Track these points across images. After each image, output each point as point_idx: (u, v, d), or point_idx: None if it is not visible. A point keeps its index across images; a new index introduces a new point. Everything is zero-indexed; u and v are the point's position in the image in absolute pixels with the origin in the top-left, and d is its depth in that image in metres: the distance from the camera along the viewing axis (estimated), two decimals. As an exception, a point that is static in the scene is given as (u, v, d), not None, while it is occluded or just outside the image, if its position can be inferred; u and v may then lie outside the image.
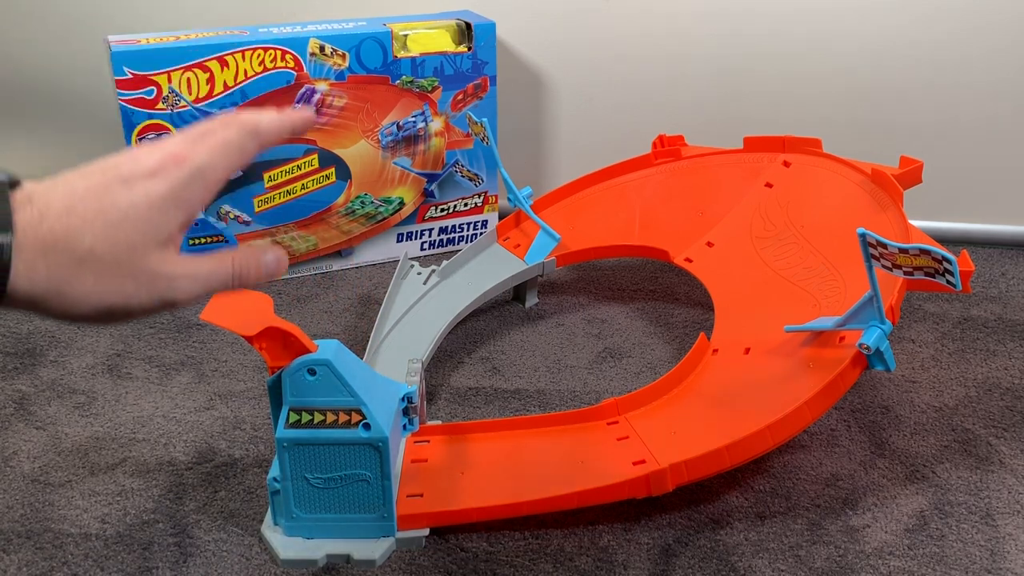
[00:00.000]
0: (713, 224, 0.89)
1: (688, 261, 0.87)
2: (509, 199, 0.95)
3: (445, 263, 0.90)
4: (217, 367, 0.85)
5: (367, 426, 0.57)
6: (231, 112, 0.45)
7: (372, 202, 1.04)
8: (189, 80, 0.92)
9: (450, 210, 1.09)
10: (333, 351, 0.56)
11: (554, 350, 0.88)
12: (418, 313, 0.85)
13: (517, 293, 0.97)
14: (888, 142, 1.07)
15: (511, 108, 1.14)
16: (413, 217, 1.07)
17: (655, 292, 0.99)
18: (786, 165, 0.89)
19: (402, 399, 0.63)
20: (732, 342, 0.73)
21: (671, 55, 1.10)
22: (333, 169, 1.01)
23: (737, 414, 0.63)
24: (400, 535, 0.60)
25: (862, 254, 0.58)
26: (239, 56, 0.93)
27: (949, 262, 0.55)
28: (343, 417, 0.57)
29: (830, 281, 0.73)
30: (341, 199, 1.02)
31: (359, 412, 0.57)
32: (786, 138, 0.90)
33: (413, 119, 1.02)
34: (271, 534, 0.61)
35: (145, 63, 0.90)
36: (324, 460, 0.58)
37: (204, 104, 0.93)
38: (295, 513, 0.60)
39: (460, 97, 1.03)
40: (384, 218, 1.06)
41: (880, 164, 0.82)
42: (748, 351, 0.71)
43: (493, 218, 1.11)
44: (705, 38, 1.09)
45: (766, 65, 1.08)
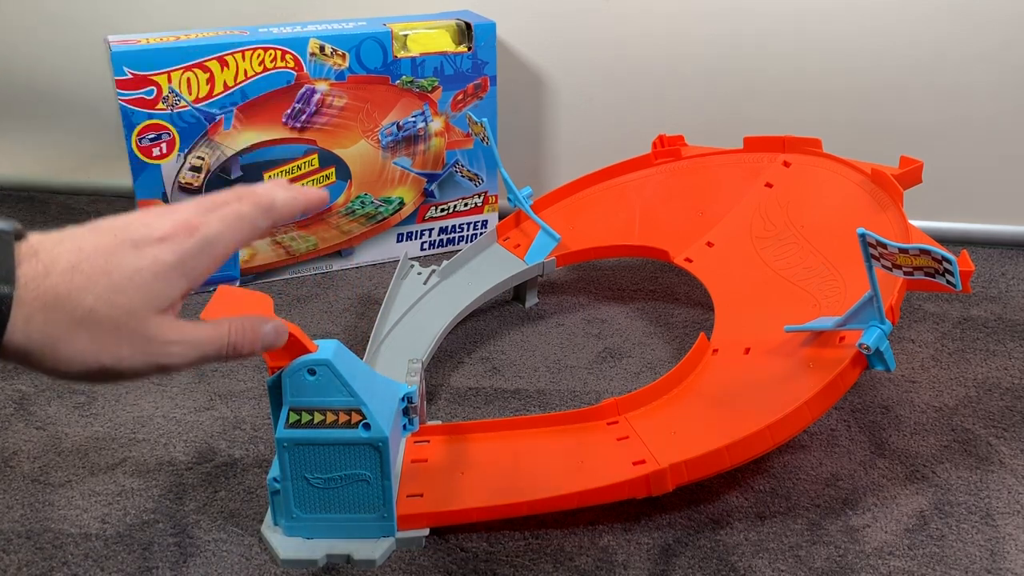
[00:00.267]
0: (713, 224, 0.89)
1: (688, 261, 0.87)
2: (509, 199, 0.95)
3: (445, 263, 0.90)
4: (217, 367, 0.85)
5: (367, 426, 0.57)
6: (246, 188, 0.44)
7: (372, 202, 1.04)
8: (189, 80, 0.92)
9: (450, 210, 1.09)
10: (333, 351, 0.56)
11: (554, 350, 0.88)
12: (418, 313, 0.85)
13: (517, 293, 0.97)
14: (888, 142, 1.07)
15: (511, 108, 1.14)
16: (413, 217, 1.07)
17: (655, 292, 0.99)
18: (786, 165, 0.89)
19: (402, 399, 0.63)
20: (732, 342, 0.73)
21: (671, 55, 1.10)
22: (333, 169, 1.01)
23: (737, 414, 0.63)
24: (400, 535, 0.60)
25: (862, 254, 0.58)
26: (239, 56, 0.93)
27: (949, 262, 0.55)
28: (343, 417, 0.57)
29: (830, 281, 0.73)
30: (341, 199, 1.02)
31: (359, 412, 0.57)
32: (786, 138, 0.90)
33: (413, 119, 1.02)
34: (271, 534, 0.61)
35: (145, 63, 0.90)
36: (324, 460, 0.58)
37: (204, 104, 0.93)
38: (295, 513, 0.60)
39: (460, 97, 1.03)
40: (384, 218, 1.06)
41: (880, 164, 0.82)
42: (748, 351, 0.71)
43: (493, 218, 1.11)
44: (705, 38, 1.09)
45: (766, 65, 1.08)
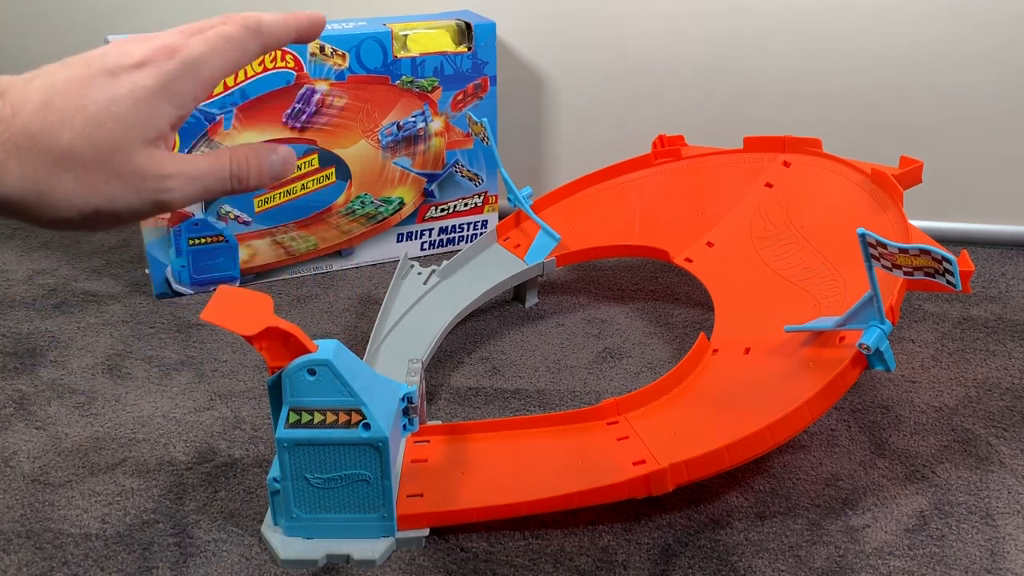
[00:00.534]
0: (713, 224, 0.89)
1: (688, 261, 0.87)
2: (509, 199, 0.95)
3: (445, 263, 0.90)
4: (217, 367, 0.85)
5: (367, 426, 0.57)
6: (232, 13, 0.41)
7: (372, 202, 1.04)
8: (189, 80, 0.92)
9: (450, 210, 1.09)
10: (333, 351, 0.56)
11: (554, 350, 0.88)
12: (418, 313, 0.85)
13: (517, 293, 0.97)
14: (888, 142, 1.07)
15: (511, 108, 1.14)
16: (413, 217, 1.07)
17: (655, 292, 0.99)
18: (786, 165, 0.89)
19: (402, 399, 0.63)
20: (732, 342, 0.73)
21: (671, 55, 1.10)
22: (333, 169, 1.01)
23: (737, 414, 0.63)
24: (400, 535, 0.60)
25: (862, 254, 0.58)
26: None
27: (949, 262, 0.55)
28: (343, 417, 0.57)
29: (830, 281, 0.73)
30: (341, 199, 1.02)
31: (359, 412, 0.57)
32: (786, 138, 0.90)
33: (413, 119, 1.02)
34: (271, 534, 0.61)
35: (145, 63, 0.90)
36: (324, 460, 0.58)
37: (204, 104, 0.93)
38: (295, 513, 0.60)
39: (460, 97, 1.03)
40: (384, 218, 1.06)
41: (880, 164, 0.82)
42: (748, 351, 0.71)
43: (493, 218, 1.11)
44: (705, 38, 1.09)
45: (766, 65, 1.08)
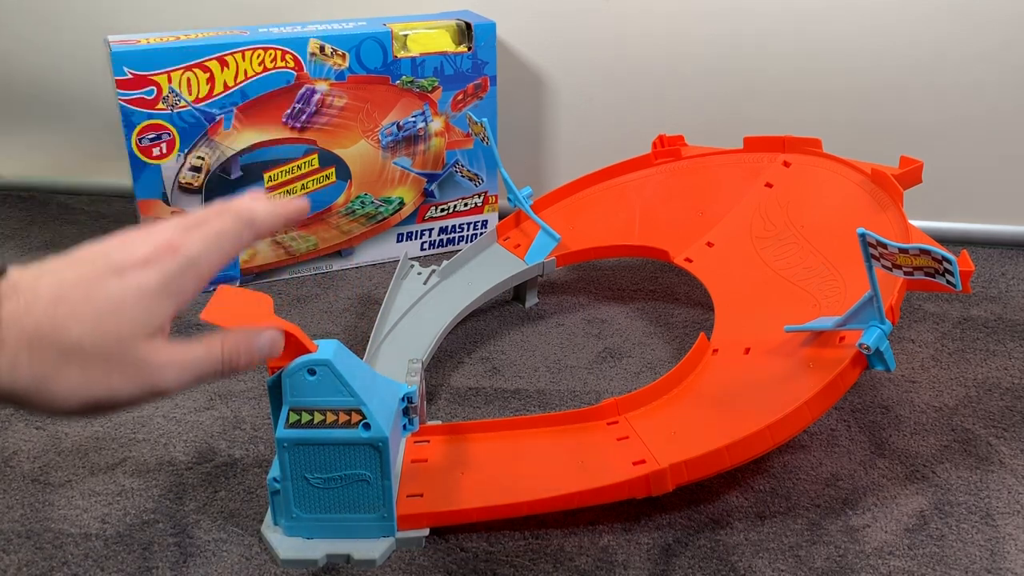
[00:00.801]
0: (713, 224, 0.89)
1: (688, 261, 0.87)
2: (509, 199, 0.95)
3: (445, 263, 0.90)
4: (217, 367, 0.85)
5: (367, 426, 0.57)
6: (226, 203, 0.44)
7: (372, 202, 1.04)
8: (189, 80, 0.92)
9: (450, 210, 1.09)
10: (333, 351, 0.56)
11: (554, 350, 0.88)
12: (418, 313, 0.85)
13: (517, 293, 0.97)
14: (888, 142, 1.07)
15: (511, 108, 1.14)
16: (413, 217, 1.07)
17: (655, 292, 0.99)
18: (786, 165, 0.89)
19: (402, 399, 0.63)
20: (732, 342, 0.73)
21: (671, 55, 1.10)
22: (333, 169, 1.01)
23: (737, 414, 0.63)
24: (400, 535, 0.60)
25: (862, 254, 0.58)
26: (239, 56, 0.93)
27: (949, 262, 0.55)
28: (343, 417, 0.57)
29: (830, 281, 0.73)
30: (341, 199, 1.02)
31: (359, 412, 0.57)
32: (786, 138, 0.90)
33: (413, 119, 1.02)
34: (271, 534, 0.61)
35: (145, 63, 0.90)
36: (324, 460, 0.58)
37: (204, 104, 0.93)
38: (295, 513, 0.60)
39: (460, 97, 1.03)
40: (384, 218, 1.06)
41: (880, 164, 0.82)
42: (748, 351, 0.71)
43: (493, 218, 1.11)
44: (705, 38, 1.09)
45: (766, 65, 1.08)
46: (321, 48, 0.95)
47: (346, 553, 0.59)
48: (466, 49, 1.02)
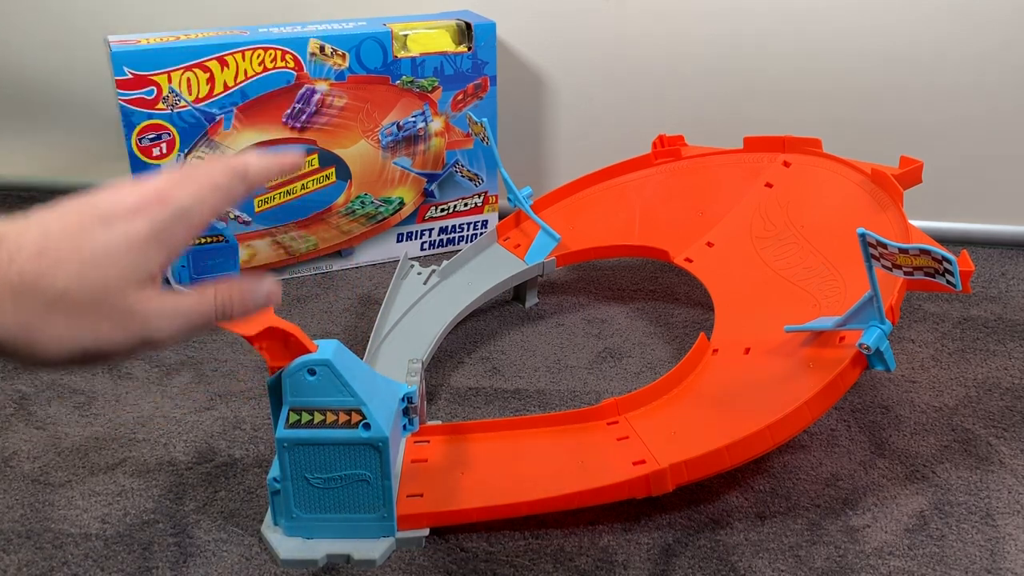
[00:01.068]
0: (713, 224, 0.89)
1: (688, 261, 0.87)
2: (509, 199, 0.95)
3: (445, 263, 0.90)
4: (217, 367, 0.85)
5: (367, 426, 0.57)
6: (218, 157, 0.43)
7: (372, 202, 1.04)
8: (189, 80, 0.92)
9: (450, 210, 1.09)
10: (333, 351, 0.56)
11: (554, 350, 0.88)
12: (418, 313, 0.85)
13: (517, 293, 0.97)
14: (888, 142, 1.07)
15: (511, 108, 1.14)
16: (413, 217, 1.07)
17: (655, 292, 0.99)
18: (786, 165, 0.89)
19: (402, 399, 0.63)
20: (732, 342, 0.73)
21: (671, 55, 1.10)
22: (333, 169, 1.01)
23: (737, 414, 0.63)
24: (400, 535, 0.60)
25: (862, 254, 0.58)
26: (239, 56, 0.93)
27: (949, 262, 0.55)
28: (343, 417, 0.57)
29: (830, 281, 0.73)
30: (341, 199, 1.02)
31: (359, 412, 0.57)
32: (786, 138, 0.90)
33: (413, 119, 1.02)
34: (271, 534, 0.61)
35: (145, 63, 0.90)
36: (324, 460, 0.58)
37: (204, 104, 0.93)
38: (295, 513, 0.60)
39: (460, 97, 1.03)
40: (384, 218, 1.06)
41: (880, 164, 0.82)
42: (748, 351, 0.71)
43: (493, 218, 1.11)
44: (705, 38, 1.09)
45: (766, 65, 1.08)
46: (321, 48, 0.95)
47: (346, 553, 0.59)
48: (466, 49, 1.02)
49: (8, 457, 0.72)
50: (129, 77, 0.90)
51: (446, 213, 1.09)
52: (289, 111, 0.97)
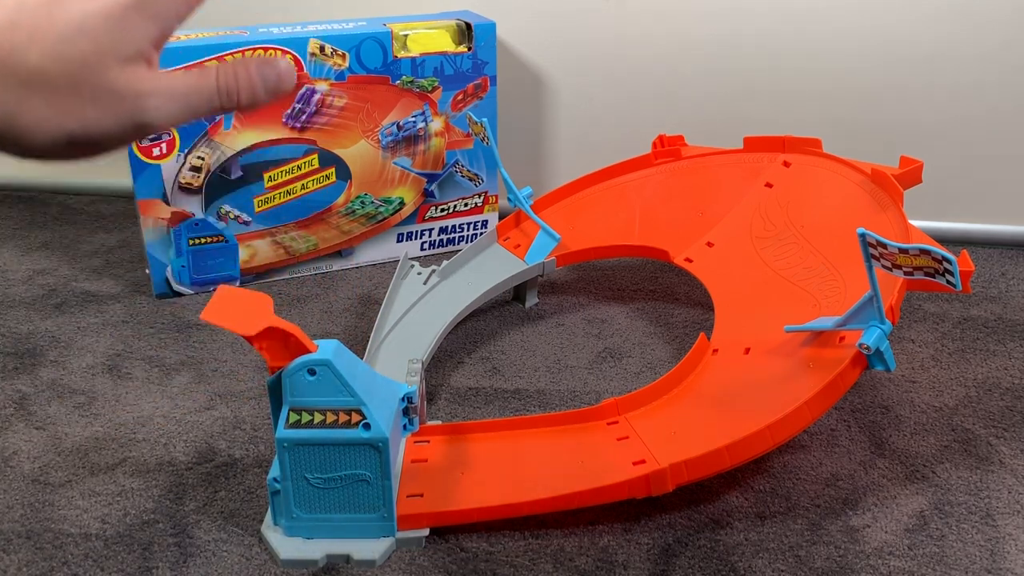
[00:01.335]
0: (713, 224, 0.89)
1: (688, 261, 0.87)
2: (509, 199, 0.95)
3: (445, 263, 0.90)
4: (217, 367, 0.85)
5: (367, 426, 0.57)
6: None
7: (372, 202, 1.04)
8: (189, 80, 0.92)
9: (450, 210, 1.09)
10: (333, 351, 0.56)
11: (554, 350, 0.88)
12: (418, 313, 0.85)
13: (517, 293, 0.97)
14: (888, 142, 1.07)
15: (511, 108, 1.14)
16: (413, 217, 1.07)
17: (655, 292, 0.99)
18: (786, 165, 0.89)
19: (402, 399, 0.63)
20: (732, 342, 0.73)
21: (671, 55, 1.10)
22: (333, 169, 1.01)
23: (737, 414, 0.63)
24: (400, 535, 0.60)
25: (862, 254, 0.58)
26: (239, 56, 0.93)
27: (949, 262, 0.55)
28: (343, 417, 0.57)
29: (830, 281, 0.73)
30: (341, 199, 1.02)
31: (359, 412, 0.57)
32: (786, 138, 0.90)
33: (413, 119, 1.02)
34: (271, 534, 0.61)
35: (145, 63, 0.90)
36: (324, 460, 0.58)
37: (204, 104, 0.93)
38: (295, 513, 0.60)
39: (460, 97, 1.03)
40: (384, 218, 1.06)
41: (880, 164, 0.82)
42: (748, 351, 0.71)
43: (493, 218, 1.11)
44: (705, 38, 1.09)
45: (766, 65, 1.08)
46: (321, 48, 0.95)
47: (346, 553, 0.59)
48: (466, 49, 1.02)
49: (8, 457, 0.72)
50: (129, 77, 0.90)
51: (446, 213, 1.09)
52: (289, 111, 0.97)
